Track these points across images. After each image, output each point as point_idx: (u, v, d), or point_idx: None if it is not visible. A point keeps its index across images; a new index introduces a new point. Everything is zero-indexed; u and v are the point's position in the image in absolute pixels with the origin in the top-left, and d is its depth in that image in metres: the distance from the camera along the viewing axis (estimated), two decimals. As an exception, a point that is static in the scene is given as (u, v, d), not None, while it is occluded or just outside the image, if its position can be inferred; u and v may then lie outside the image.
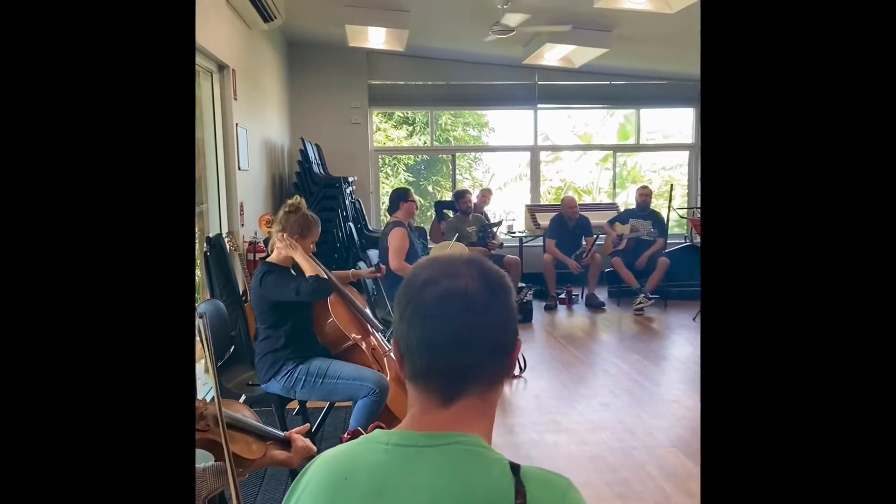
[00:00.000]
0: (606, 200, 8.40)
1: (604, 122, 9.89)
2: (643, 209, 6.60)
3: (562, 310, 6.41)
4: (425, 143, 8.33)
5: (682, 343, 5.19)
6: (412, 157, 10.30)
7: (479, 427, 0.88)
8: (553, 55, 6.00)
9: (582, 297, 6.66)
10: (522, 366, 4.38)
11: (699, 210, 7.27)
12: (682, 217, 7.21)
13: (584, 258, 6.36)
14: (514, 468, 0.82)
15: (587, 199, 10.21)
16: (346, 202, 5.82)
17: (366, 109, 7.22)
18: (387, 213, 5.03)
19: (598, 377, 4.31)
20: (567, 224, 6.48)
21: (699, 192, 7.76)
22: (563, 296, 6.58)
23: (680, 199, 8.22)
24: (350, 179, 6.24)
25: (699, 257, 6.21)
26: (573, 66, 6.38)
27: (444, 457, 0.83)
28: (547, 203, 7.96)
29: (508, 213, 8.61)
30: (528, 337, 5.36)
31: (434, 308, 0.86)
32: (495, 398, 0.91)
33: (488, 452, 0.85)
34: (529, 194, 8.05)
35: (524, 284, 5.80)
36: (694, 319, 5.83)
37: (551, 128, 9.71)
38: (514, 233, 7.33)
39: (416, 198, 9.72)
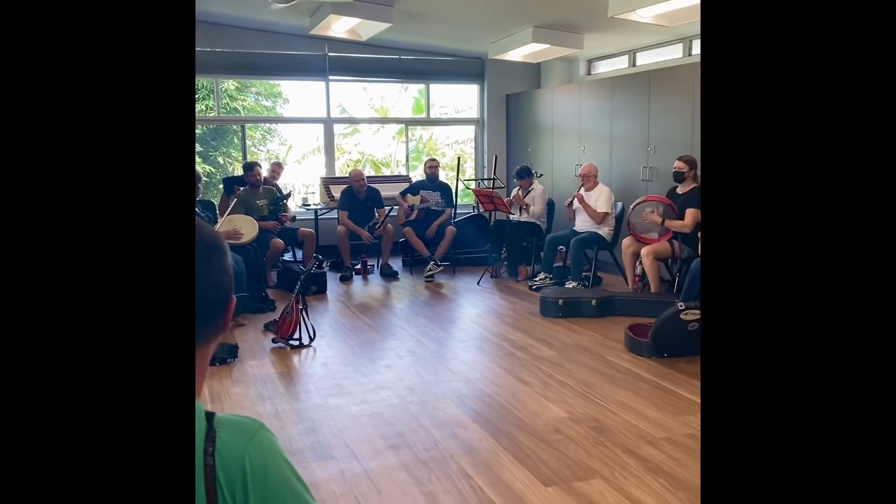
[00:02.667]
0: (404, 173, 8.65)
1: (399, 96, 10.12)
2: (433, 181, 6.91)
3: (357, 280, 6.55)
4: (211, 112, 7.95)
5: (466, 305, 5.56)
6: (199, 126, 9.77)
7: None
8: (340, 27, 6.01)
9: (377, 267, 6.85)
10: (312, 335, 4.44)
11: (484, 181, 7.76)
12: (468, 188, 7.63)
13: (376, 229, 6.53)
14: (209, 416, 0.87)
15: (386, 172, 10.44)
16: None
17: (143, 75, 6.72)
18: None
19: (386, 341, 4.50)
20: (357, 196, 6.60)
21: (485, 164, 8.27)
22: (358, 266, 6.71)
23: (470, 171, 8.70)
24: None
25: (484, 225, 6.62)
26: (361, 39, 6.45)
27: None
28: (343, 175, 8.00)
29: (308, 186, 8.54)
30: (322, 308, 5.43)
31: None
32: (203, 354, 0.94)
33: None
34: (325, 167, 8.04)
35: (317, 255, 5.83)
36: (478, 283, 6.26)
37: (348, 100, 9.74)
38: (309, 205, 7.31)
39: (206, 168, 9.27)
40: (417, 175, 8.11)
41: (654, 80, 5.83)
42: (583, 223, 5.91)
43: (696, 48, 6.18)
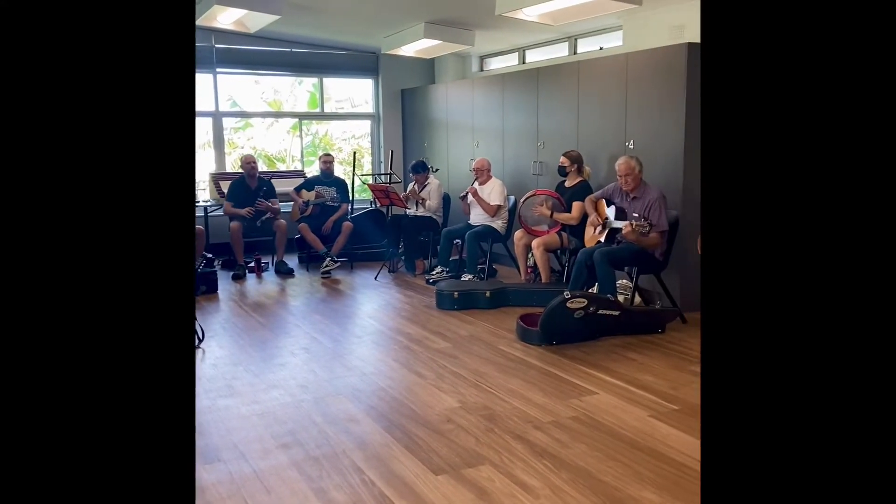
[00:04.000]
0: (299, 168, 8.49)
1: (293, 90, 9.90)
2: (327, 176, 6.83)
3: (251, 278, 6.38)
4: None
5: (363, 301, 5.54)
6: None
7: None
8: (226, 18, 5.82)
9: (272, 264, 6.70)
10: (200, 336, 4.29)
11: (381, 176, 7.76)
12: (364, 183, 7.60)
13: (266, 217, 6.40)
14: None
15: (281, 167, 10.20)
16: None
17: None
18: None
19: (280, 339, 4.42)
20: (249, 186, 6.44)
21: (382, 159, 8.26)
22: (251, 264, 6.54)
23: (367, 166, 8.65)
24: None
25: (381, 220, 6.61)
26: (249, 31, 6.27)
27: None
28: (234, 171, 7.77)
29: (198, 182, 8.21)
30: (213, 308, 5.26)
31: None
32: None
33: None
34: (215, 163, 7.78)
35: (206, 254, 5.65)
36: (376, 278, 6.26)
37: (239, 94, 9.42)
38: (198, 202, 7.04)
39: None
40: (314, 171, 7.98)
41: (542, 77, 6.02)
42: (477, 217, 6.02)
43: (581, 47, 6.43)
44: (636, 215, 4.49)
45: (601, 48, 6.20)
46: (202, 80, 7.53)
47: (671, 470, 2.56)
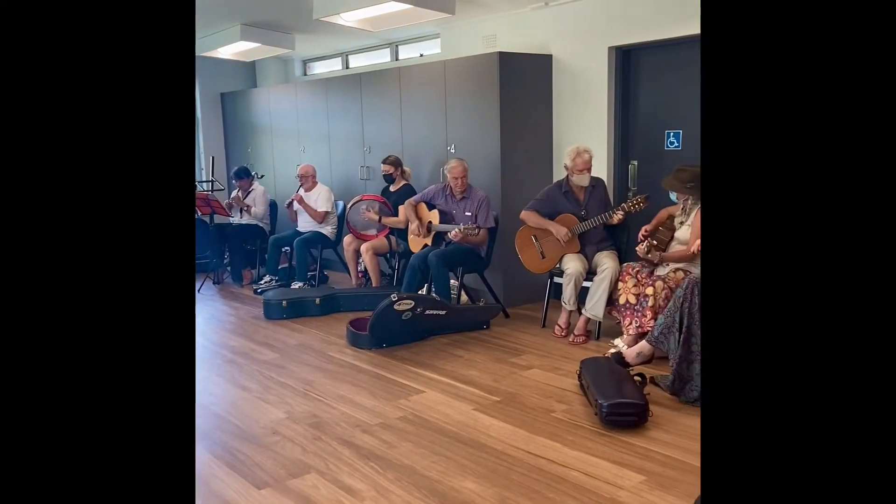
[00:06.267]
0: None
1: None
2: (141, 184, 6.38)
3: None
4: None
5: (185, 315, 5.24)
6: None
7: None
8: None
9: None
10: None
11: (202, 184, 7.38)
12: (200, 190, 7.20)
13: None
14: None
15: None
16: None
17: None
18: None
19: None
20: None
21: (202, 167, 7.86)
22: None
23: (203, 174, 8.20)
24: None
25: (204, 230, 6.24)
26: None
27: None
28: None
29: None
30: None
31: None
32: None
33: None
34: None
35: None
36: (199, 291, 5.94)
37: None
38: None
39: None
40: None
41: (365, 83, 6.05)
42: (305, 223, 5.93)
43: (402, 53, 6.56)
44: (469, 214, 4.66)
45: (421, 55, 6.36)
46: None
47: (490, 458, 2.69)
